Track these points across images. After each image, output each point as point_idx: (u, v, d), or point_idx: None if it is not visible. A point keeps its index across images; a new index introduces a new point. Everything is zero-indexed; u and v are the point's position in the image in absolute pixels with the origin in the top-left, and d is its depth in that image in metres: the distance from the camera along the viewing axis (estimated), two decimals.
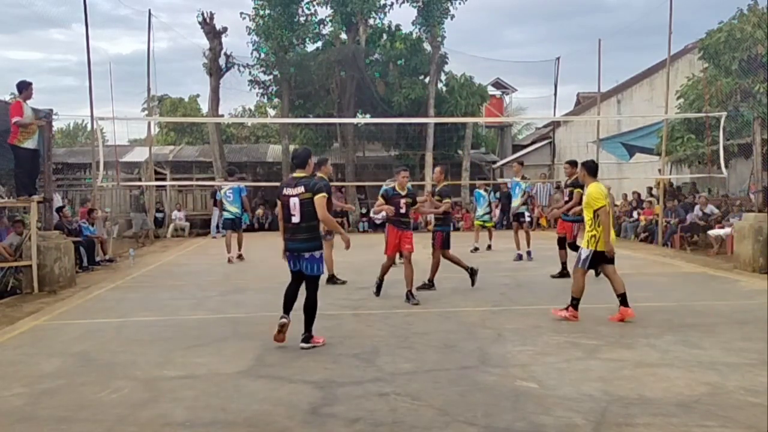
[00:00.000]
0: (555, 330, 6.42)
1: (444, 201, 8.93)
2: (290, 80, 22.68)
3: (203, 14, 21.88)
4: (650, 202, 17.13)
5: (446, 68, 23.79)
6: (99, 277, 11.03)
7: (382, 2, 22.90)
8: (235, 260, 12.75)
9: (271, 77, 23.31)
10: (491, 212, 14.74)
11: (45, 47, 70.92)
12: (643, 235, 15.91)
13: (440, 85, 23.76)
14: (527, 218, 12.85)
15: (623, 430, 3.82)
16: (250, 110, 37.07)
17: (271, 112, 33.39)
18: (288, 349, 5.79)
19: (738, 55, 14.35)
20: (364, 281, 9.60)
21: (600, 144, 19.69)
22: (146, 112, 28.14)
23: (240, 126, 31.50)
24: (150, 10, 18.51)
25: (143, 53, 18.83)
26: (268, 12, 22.18)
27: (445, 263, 8.99)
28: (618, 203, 18.77)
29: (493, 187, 20.74)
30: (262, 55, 22.70)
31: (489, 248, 14.16)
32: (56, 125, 15.91)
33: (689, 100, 15.87)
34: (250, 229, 18.40)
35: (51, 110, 10.22)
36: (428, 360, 5.44)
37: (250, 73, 23.11)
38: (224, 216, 13.24)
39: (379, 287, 8.56)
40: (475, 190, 15.22)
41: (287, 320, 5.83)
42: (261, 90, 23.84)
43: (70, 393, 4.71)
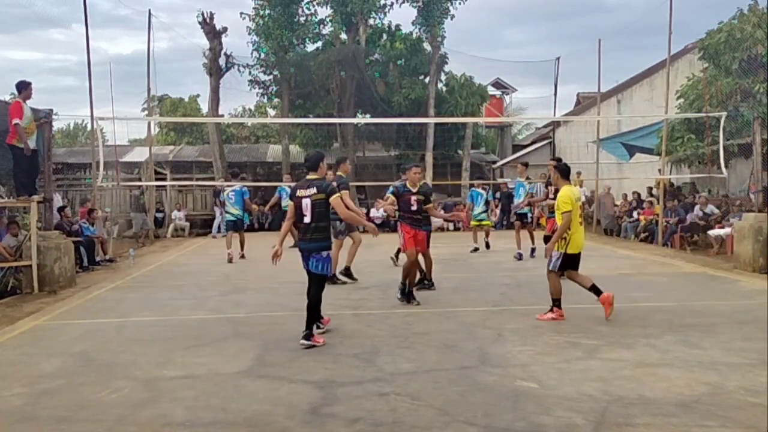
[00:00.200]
0: (555, 330, 6.42)
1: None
2: (290, 80, 22.67)
3: (203, 14, 21.90)
4: (650, 202, 17.12)
5: (446, 68, 23.80)
6: (99, 277, 11.03)
7: (382, 2, 22.90)
8: (238, 259, 12.88)
9: (271, 77, 23.32)
10: (488, 211, 14.69)
11: (45, 47, 71.05)
12: (643, 235, 15.90)
13: (440, 85, 23.75)
14: (529, 218, 12.93)
15: (623, 430, 3.82)
16: (250, 110, 37.10)
17: (271, 112, 33.41)
18: (288, 349, 5.80)
19: (738, 55, 14.35)
20: (364, 281, 9.62)
21: (600, 144, 19.69)
22: (146, 112, 28.14)
23: (240, 126, 31.49)
24: (150, 10, 18.53)
25: (143, 53, 18.85)
26: (268, 12, 22.18)
27: (444, 263, 8.98)
28: (618, 203, 18.78)
29: (493, 187, 20.78)
30: (262, 55, 22.70)
31: (488, 247, 14.05)
32: (56, 125, 15.92)
33: (689, 100, 15.87)
34: (250, 229, 18.41)
35: (51, 110, 10.22)
36: (428, 360, 5.44)
37: (250, 73, 23.15)
38: (226, 217, 13.51)
39: (405, 291, 7.89)
40: (473, 189, 15.16)
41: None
42: (261, 90, 23.85)
43: (70, 393, 4.71)
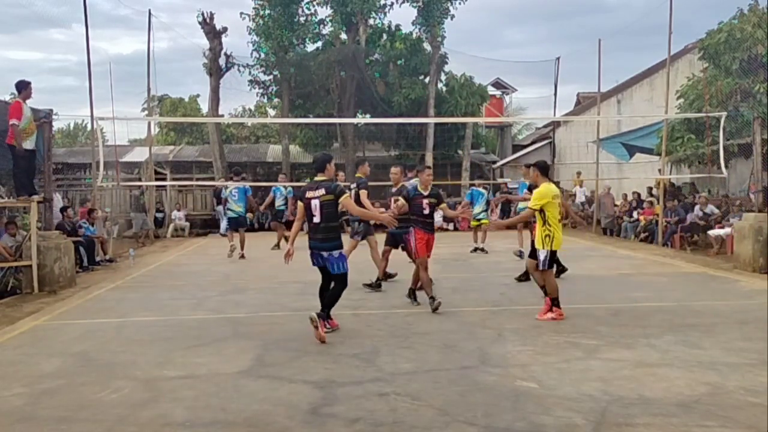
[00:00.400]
0: (555, 330, 6.42)
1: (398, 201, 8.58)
2: (290, 80, 22.67)
3: (203, 14, 21.91)
4: (650, 203, 17.12)
5: (446, 68, 23.79)
6: (99, 277, 11.03)
7: (382, 2, 22.90)
8: (237, 259, 12.97)
9: (271, 77, 23.32)
10: (488, 210, 14.63)
11: (45, 47, 71.05)
12: (643, 235, 15.90)
13: (440, 85, 23.74)
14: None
15: (623, 430, 3.82)
16: (250, 110, 37.11)
17: (271, 112, 33.41)
18: (288, 349, 5.80)
19: (738, 56, 14.35)
20: (364, 281, 9.60)
21: (600, 144, 19.69)
22: (146, 112, 28.14)
23: (240, 126, 31.49)
24: (150, 10, 18.52)
25: (144, 53, 18.81)
26: (268, 12, 22.18)
27: (440, 262, 8.96)
28: (618, 203, 18.77)
29: (493, 187, 20.78)
30: (262, 55, 22.71)
31: (482, 250, 13.56)
32: (56, 125, 15.92)
33: (689, 100, 15.87)
34: (250, 230, 18.45)
35: (51, 110, 10.22)
36: (428, 360, 5.44)
37: (250, 73, 23.15)
38: (228, 215, 13.70)
39: (413, 293, 8.01)
40: (473, 188, 15.13)
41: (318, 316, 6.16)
42: (261, 90, 23.86)
43: (70, 393, 4.71)
